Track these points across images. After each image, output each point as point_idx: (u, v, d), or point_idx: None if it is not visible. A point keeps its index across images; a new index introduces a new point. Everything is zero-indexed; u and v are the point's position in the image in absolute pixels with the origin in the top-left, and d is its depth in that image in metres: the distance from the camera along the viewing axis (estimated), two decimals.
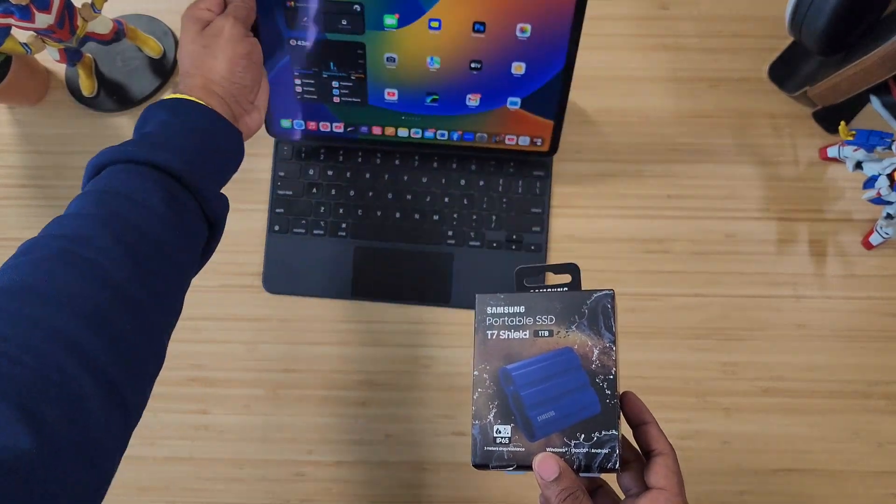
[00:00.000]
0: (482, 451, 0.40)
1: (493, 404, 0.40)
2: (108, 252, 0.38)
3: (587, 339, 0.41)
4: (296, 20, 0.56)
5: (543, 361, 0.41)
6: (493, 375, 0.41)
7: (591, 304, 0.42)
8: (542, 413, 0.40)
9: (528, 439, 0.40)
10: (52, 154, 0.71)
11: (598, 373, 0.40)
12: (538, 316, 0.42)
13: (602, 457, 0.39)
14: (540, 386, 0.40)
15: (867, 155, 0.61)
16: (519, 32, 0.56)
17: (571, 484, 0.38)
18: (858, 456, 0.64)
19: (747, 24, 0.71)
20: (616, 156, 0.69)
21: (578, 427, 0.39)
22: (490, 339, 0.42)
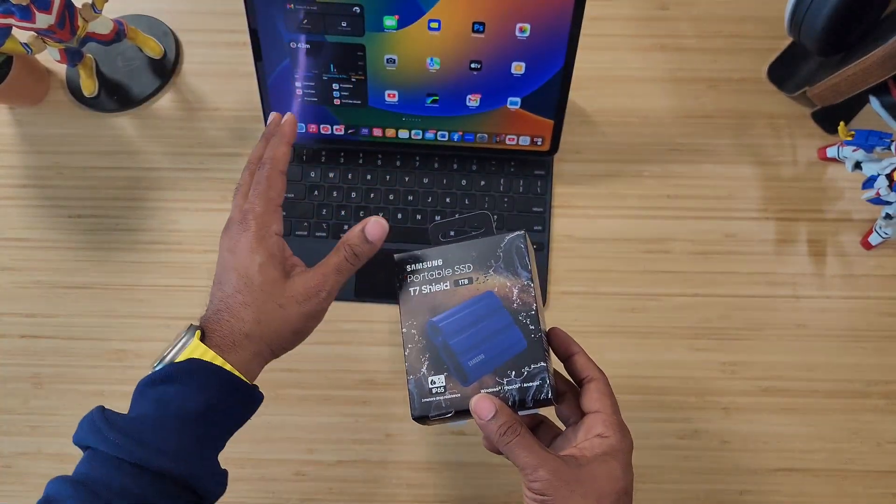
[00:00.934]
0: (420, 404, 0.42)
1: (425, 357, 0.42)
2: None
3: (505, 280, 0.42)
4: (296, 23, 0.56)
5: (467, 308, 0.42)
6: (421, 329, 0.42)
7: (504, 246, 0.43)
8: (472, 357, 0.41)
9: (461, 385, 0.41)
10: (53, 154, 0.71)
11: (520, 311, 0.42)
12: (456, 266, 0.43)
13: (534, 389, 0.40)
14: (467, 332, 0.42)
15: (866, 155, 0.61)
16: (518, 32, 0.56)
17: (508, 419, 0.39)
18: (857, 455, 0.64)
19: (747, 24, 0.71)
20: (616, 156, 0.69)
21: (508, 365, 0.41)
22: (413, 295, 0.43)
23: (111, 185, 0.70)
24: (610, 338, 0.66)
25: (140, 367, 0.66)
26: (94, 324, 0.67)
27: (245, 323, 0.42)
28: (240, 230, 0.43)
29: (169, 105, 0.72)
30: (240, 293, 0.42)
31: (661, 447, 0.65)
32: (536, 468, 0.37)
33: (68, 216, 0.70)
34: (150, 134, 0.71)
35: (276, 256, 0.43)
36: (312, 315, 0.44)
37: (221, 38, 0.73)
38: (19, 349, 0.67)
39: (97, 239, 0.69)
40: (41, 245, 0.69)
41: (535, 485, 0.38)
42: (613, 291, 0.67)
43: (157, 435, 0.38)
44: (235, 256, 0.43)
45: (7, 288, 0.69)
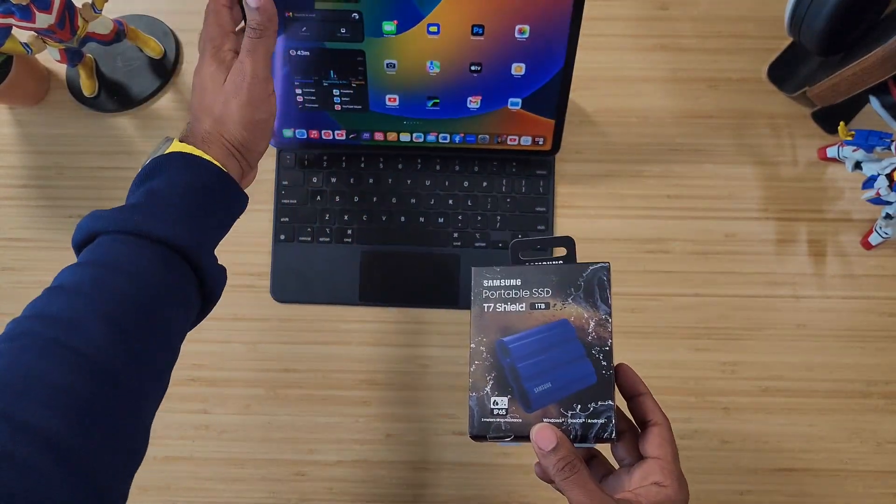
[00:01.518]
0: (479, 423, 0.40)
1: (490, 376, 0.41)
2: (98, 340, 0.36)
3: (583, 311, 0.41)
4: (295, 30, 0.56)
5: (540, 334, 0.41)
6: (489, 348, 0.41)
7: (587, 276, 0.42)
8: (539, 384, 0.40)
9: (524, 410, 0.40)
10: (53, 154, 0.71)
11: (594, 344, 0.40)
12: (534, 289, 0.42)
13: (598, 427, 0.39)
14: (536, 358, 0.41)
15: (866, 155, 0.61)
16: (517, 33, 0.56)
17: (568, 453, 0.38)
18: (858, 455, 0.64)
19: (747, 24, 0.71)
20: (616, 156, 0.69)
21: (574, 398, 0.40)
22: (487, 311, 0.42)
23: (111, 185, 0.70)
24: None
25: None
26: None
27: (205, 124, 0.46)
28: (199, 56, 0.48)
29: (169, 105, 0.72)
30: (199, 102, 0.47)
31: None
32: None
33: (68, 216, 0.70)
34: (150, 134, 0.71)
35: (224, 63, 0.47)
36: (249, 103, 0.46)
37: None
38: None
39: None
40: (41, 245, 0.69)
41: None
42: (613, 291, 0.67)
43: (153, 210, 0.41)
44: (196, 76, 0.48)
45: (7, 288, 0.69)
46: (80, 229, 0.42)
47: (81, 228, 0.42)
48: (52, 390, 0.34)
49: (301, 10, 0.55)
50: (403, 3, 0.54)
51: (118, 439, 0.36)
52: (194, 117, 0.48)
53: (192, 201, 0.43)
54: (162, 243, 0.41)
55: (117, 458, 0.36)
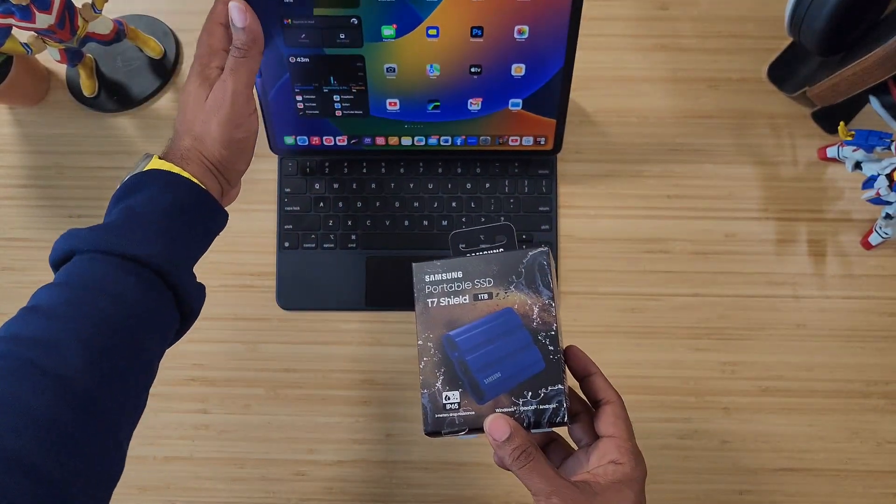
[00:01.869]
0: (433, 419, 0.40)
1: (440, 371, 0.41)
2: (74, 363, 0.36)
3: (526, 297, 0.41)
4: (294, 37, 0.56)
5: (485, 324, 0.41)
6: (437, 343, 0.41)
7: (527, 262, 0.42)
8: (489, 375, 0.40)
9: (477, 402, 0.40)
10: (53, 154, 0.71)
11: (540, 330, 0.41)
12: (476, 280, 0.42)
13: (550, 412, 0.40)
14: (484, 349, 0.41)
15: (866, 155, 0.61)
16: (517, 34, 0.56)
17: (523, 442, 0.38)
18: (857, 455, 0.64)
19: (747, 24, 0.71)
20: (616, 156, 0.69)
21: (525, 385, 0.40)
22: (431, 307, 0.42)
23: (111, 185, 0.69)
24: (610, 338, 0.66)
25: None
26: None
27: (185, 140, 0.46)
28: (189, 74, 0.48)
29: (169, 105, 0.72)
30: (181, 118, 0.47)
31: (661, 447, 0.65)
32: (550, 496, 0.37)
33: (68, 216, 0.70)
34: (150, 134, 0.71)
35: (208, 81, 0.46)
36: (229, 121, 0.45)
37: None
38: None
39: None
40: (41, 245, 0.69)
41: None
42: (613, 291, 0.67)
43: (130, 229, 0.41)
44: (182, 92, 0.48)
45: (7, 288, 0.69)
46: (57, 248, 0.42)
47: (57, 247, 0.41)
48: (28, 414, 0.33)
49: (300, 16, 0.54)
50: (402, 6, 0.54)
51: (94, 463, 0.35)
52: (176, 134, 0.48)
53: (170, 219, 0.43)
54: (139, 262, 0.40)
55: (93, 482, 0.35)
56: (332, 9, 0.54)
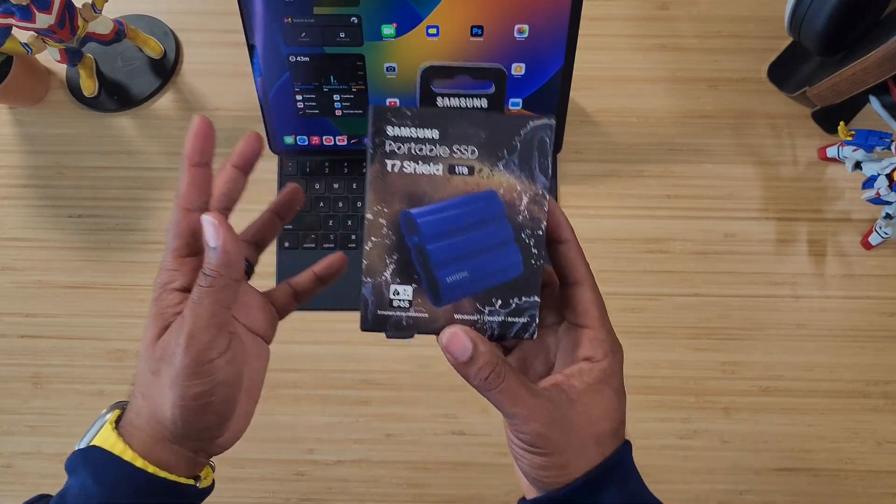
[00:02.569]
0: (374, 316, 0.32)
1: (392, 258, 0.32)
2: None
3: (516, 181, 0.32)
4: (294, 37, 0.56)
5: (459, 207, 0.32)
6: (392, 221, 0.32)
7: (526, 135, 0.32)
8: (453, 272, 0.32)
9: (432, 304, 0.32)
10: (53, 154, 0.71)
11: (526, 226, 0.32)
12: (457, 145, 0.32)
13: (519, 326, 0.33)
14: (452, 239, 0.32)
15: (866, 155, 0.61)
16: (517, 33, 0.56)
17: (490, 360, 0.31)
18: (857, 455, 0.64)
19: (747, 24, 0.71)
20: (616, 156, 0.69)
21: (495, 291, 0.32)
22: (391, 171, 0.31)
23: (111, 185, 0.70)
24: None
25: None
26: (94, 324, 0.67)
27: (136, 398, 0.34)
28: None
29: (169, 105, 0.72)
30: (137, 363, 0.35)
31: (661, 447, 0.65)
32: (527, 420, 0.31)
33: (68, 216, 0.70)
34: (150, 134, 0.71)
35: (162, 314, 0.34)
36: (182, 374, 0.32)
37: (221, 38, 0.73)
38: (19, 349, 0.67)
39: (97, 239, 0.69)
40: (41, 245, 0.69)
41: (525, 437, 0.32)
42: (613, 291, 0.67)
43: None
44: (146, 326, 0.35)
45: (7, 288, 0.69)
46: None
47: None
48: None
49: (300, 15, 0.54)
50: (402, 5, 0.54)
51: None
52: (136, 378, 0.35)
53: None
54: None
55: None
56: (333, 7, 0.54)
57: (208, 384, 0.33)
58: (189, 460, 0.35)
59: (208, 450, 0.36)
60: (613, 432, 0.33)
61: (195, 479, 0.36)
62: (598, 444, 0.33)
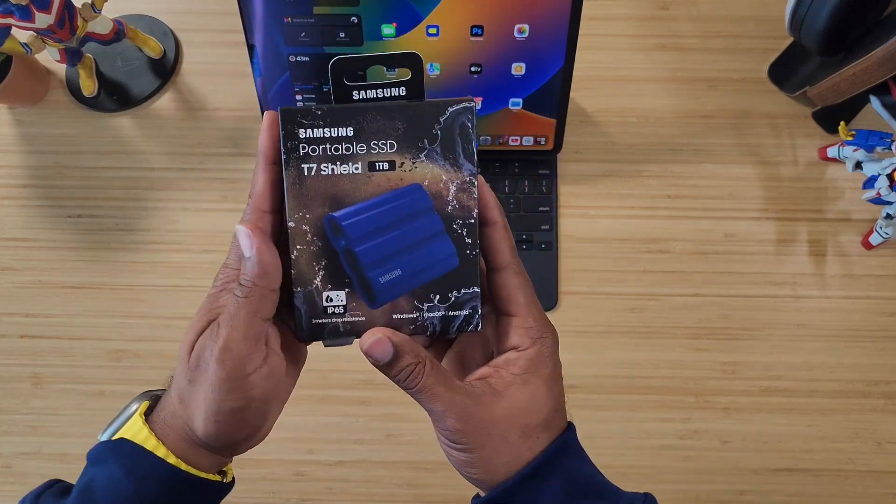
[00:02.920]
0: (310, 325, 0.31)
1: (320, 265, 0.31)
2: None
3: (441, 171, 0.31)
4: (294, 36, 0.56)
5: (384, 205, 0.31)
6: (315, 226, 0.30)
7: (445, 121, 0.31)
8: (386, 272, 0.31)
9: (368, 306, 0.31)
10: (53, 154, 0.71)
11: (456, 216, 0.31)
12: (374, 140, 0.30)
13: (461, 319, 0.32)
14: (380, 237, 0.31)
15: (867, 155, 0.61)
16: (517, 33, 0.56)
17: (413, 359, 0.30)
18: (858, 455, 0.64)
19: (747, 24, 0.71)
20: (616, 156, 0.69)
21: (432, 286, 0.31)
22: (308, 175, 0.30)
23: (111, 185, 0.70)
24: (610, 338, 0.66)
25: (139, 367, 0.66)
26: (94, 324, 0.67)
27: (173, 399, 0.34)
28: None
29: (168, 105, 0.72)
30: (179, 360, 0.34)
31: (661, 447, 0.65)
32: (444, 416, 0.31)
33: (68, 216, 0.70)
34: (149, 134, 0.71)
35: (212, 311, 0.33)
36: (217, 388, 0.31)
37: (221, 38, 0.73)
38: (19, 349, 0.67)
39: (97, 239, 0.69)
40: (41, 245, 0.69)
41: (444, 433, 0.32)
42: (614, 291, 0.67)
43: None
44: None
45: (7, 288, 0.69)
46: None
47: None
48: None
49: (300, 14, 0.54)
50: (402, 5, 0.54)
51: None
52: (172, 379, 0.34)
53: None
54: None
55: None
56: (332, 7, 0.54)
57: (244, 400, 0.32)
58: (216, 460, 0.36)
59: (236, 452, 0.36)
60: (545, 423, 0.32)
61: (221, 474, 0.36)
62: (525, 436, 0.32)
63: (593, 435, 0.64)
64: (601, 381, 0.65)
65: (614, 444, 0.65)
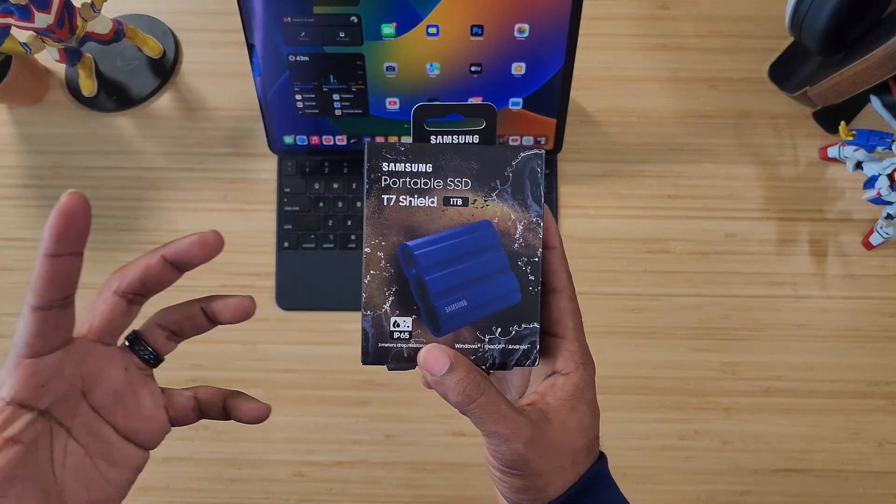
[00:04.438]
0: (375, 349, 0.32)
1: (391, 290, 0.32)
2: None
3: (510, 210, 0.33)
4: (294, 36, 0.56)
5: (455, 238, 0.33)
6: (389, 254, 0.32)
7: (517, 165, 0.33)
8: (451, 302, 0.32)
9: (432, 333, 0.32)
10: (52, 154, 0.71)
11: (522, 254, 0.33)
12: (450, 178, 0.33)
13: (520, 353, 0.33)
14: (449, 268, 0.33)
15: (867, 155, 0.61)
16: (517, 32, 0.56)
17: (468, 374, 0.30)
18: (858, 456, 0.64)
19: (747, 24, 0.71)
20: (616, 156, 0.69)
21: (494, 319, 0.33)
22: (387, 205, 0.33)
23: (111, 185, 0.70)
24: (610, 338, 0.66)
25: None
26: None
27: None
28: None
29: (168, 105, 0.72)
30: None
31: (661, 447, 0.64)
32: (508, 439, 0.30)
33: None
34: (149, 134, 0.71)
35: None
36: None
37: (221, 38, 0.73)
38: None
39: (97, 239, 0.69)
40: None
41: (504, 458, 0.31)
42: (614, 291, 0.67)
43: None
44: None
45: (7, 288, 0.69)
46: None
47: None
48: None
49: (299, 14, 0.54)
50: (402, 4, 0.54)
51: None
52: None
53: None
54: None
55: None
56: (332, 6, 0.54)
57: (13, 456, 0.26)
58: None
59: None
60: (588, 448, 0.33)
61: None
62: (574, 462, 0.32)
63: None
64: (601, 382, 0.65)
65: (615, 444, 0.64)
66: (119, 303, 0.30)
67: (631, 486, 0.63)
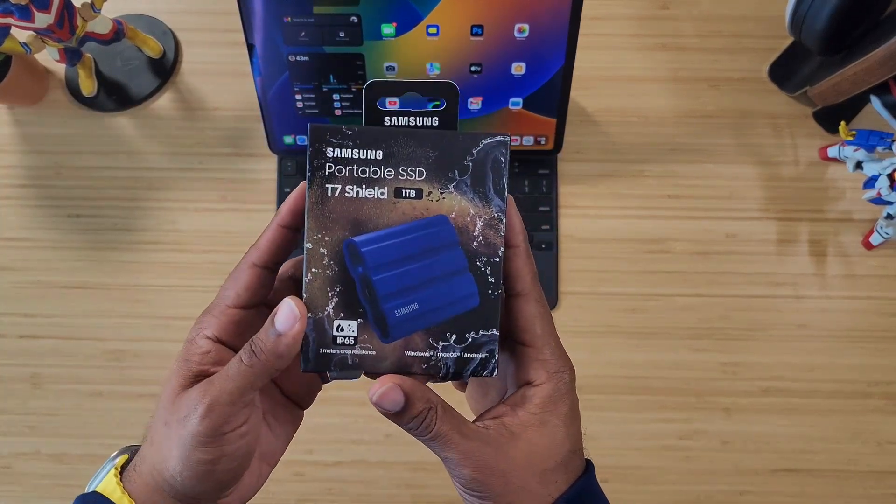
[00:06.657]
0: (316, 355, 0.29)
1: (334, 291, 0.29)
2: None
3: (469, 205, 0.30)
4: (294, 36, 0.56)
5: (407, 234, 0.30)
6: (333, 250, 0.29)
7: (478, 154, 0.30)
8: (402, 305, 0.30)
9: (380, 339, 0.29)
10: (52, 154, 0.71)
11: (481, 253, 0.30)
12: (403, 167, 0.29)
13: (476, 363, 0.30)
14: (400, 268, 0.30)
15: (867, 155, 0.61)
16: (517, 32, 0.56)
17: (425, 405, 0.29)
18: (858, 456, 0.64)
19: (747, 24, 0.71)
20: (616, 156, 0.69)
21: (449, 325, 0.30)
22: (331, 196, 0.29)
23: (110, 185, 0.70)
24: (610, 338, 0.66)
25: (138, 368, 0.66)
26: (93, 324, 0.67)
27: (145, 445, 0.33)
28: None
29: (168, 105, 0.72)
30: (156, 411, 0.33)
31: (661, 447, 0.64)
32: (459, 465, 0.29)
33: (67, 216, 0.70)
34: (149, 134, 0.71)
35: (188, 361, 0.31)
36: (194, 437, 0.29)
37: (221, 38, 0.73)
38: (19, 349, 0.67)
39: (96, 239, 0.69)
40: (41, 245, 0.69)
41: (461, 481, 0.30)
42: (614, 291, 0.67)
43: None
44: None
45: (7, 288, 0.69)
46: None
47: None
48: None
49: (299, 14, 0.54)
50: (402, 4, 0.54)
51: None
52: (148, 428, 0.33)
53: None
54: None
55: None
56: (332, 6, 0.54)
57: (213, 454, 0.30)
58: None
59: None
60: (563, 465, 0.31)
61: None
62: (544, 483, 0.30)
63: (594, 436, 0.64)
64: (601, 382, 0.65)
65: (614, 444, 0.64)
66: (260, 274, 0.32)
67: (631, 486, 0.63)
